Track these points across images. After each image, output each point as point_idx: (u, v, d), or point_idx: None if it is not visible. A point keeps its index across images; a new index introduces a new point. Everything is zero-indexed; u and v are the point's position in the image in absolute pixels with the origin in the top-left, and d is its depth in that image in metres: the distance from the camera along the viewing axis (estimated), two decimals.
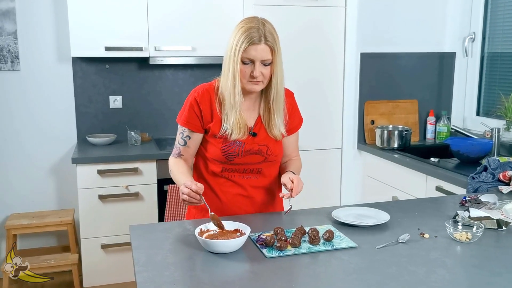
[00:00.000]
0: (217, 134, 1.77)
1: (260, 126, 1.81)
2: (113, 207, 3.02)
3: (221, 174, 1.82)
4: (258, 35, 1.64)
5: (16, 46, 3.26)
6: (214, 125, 1.77)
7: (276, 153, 1.84)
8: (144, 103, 3.54)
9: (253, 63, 1.67)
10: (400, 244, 1.50)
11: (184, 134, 1.81)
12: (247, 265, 1.38)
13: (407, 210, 1.83)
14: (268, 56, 1.67)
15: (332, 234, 1.51)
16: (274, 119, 1.79)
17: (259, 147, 1.80)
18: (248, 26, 1.66)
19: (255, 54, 1.65)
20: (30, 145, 3.38)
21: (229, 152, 1.77)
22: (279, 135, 1.82)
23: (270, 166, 1.85)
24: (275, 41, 1.68)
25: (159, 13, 3.13)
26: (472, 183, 2.23)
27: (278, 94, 1.76)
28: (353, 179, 3.41)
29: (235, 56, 1.66)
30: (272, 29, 1.69)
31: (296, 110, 1.92)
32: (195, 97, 1.79)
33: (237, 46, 1.66)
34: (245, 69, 1.68)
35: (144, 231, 1.62)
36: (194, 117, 1.78)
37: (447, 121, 3.33)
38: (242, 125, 1.75)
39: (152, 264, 1.36)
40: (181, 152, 1.83)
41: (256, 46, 1.65)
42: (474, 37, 3.31)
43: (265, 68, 1.69)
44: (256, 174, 1.83)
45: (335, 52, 3.35)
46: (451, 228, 1.55)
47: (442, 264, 1.37)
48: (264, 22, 1.69)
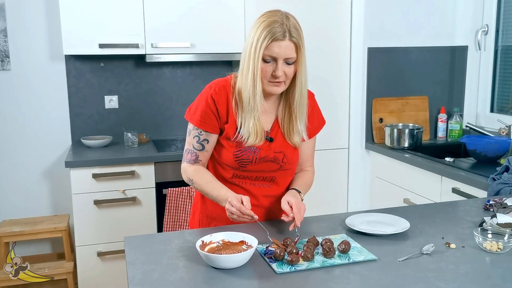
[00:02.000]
0: (231, 138, 1.61)
1: (277, 131, 1.65)
2: (109, 213, 2.89)
3: (230, 181, 1.66)
4: (282, 30, 1.49)
5: (6, 44, 3.12)
6: (229, 126, 1.61)
7: (292, 161, 1.68)
8: (141, 102, 3.41)
9: (276, 61, 1.52)
10: (425, 255, 1.36)
11: (201, 138, 1.63)
12: (255, 283, 1.24)
13: (427, 216, 1.69)
14: (293, 53, 1.52)
15: (348, 245, 1.36)
16: (295, 125, 1.63)
17: (275, 154, 1.64)
18: (270, 20, 1.51)
19: (278, 51, 1.50)
20: (22, 148, 3.26)
21: (242, 158, 1.61)
22: (298, 142, 1.66)
23: (284, 174, 1.69)
24: (300, 37, 1.53)
25: (155, 8, 3.00)
26: (494, 184, 2.08)
27: (302, 96, 1.60)
28: (361, 180, 3.28)
29: (256, 54, 1.50)
30: (296, 24, 1.54)
31: (316, 112, 1.75)
32: (211, 94, 1.61)
33: (258, 42, 1.50)
34: (267, 68, 1.53)
35: (140, 243, 1.48)
36: (211, 116, 1.60)
37: (459, 118, 3.20)
38: (260, 130, 1.60)
39: (149, 282, 1.22)
40: (198, 158, 1.65)
41: (279, 43, 1.49)
42: (487, 29, 3.17)
43: (288, 67, 1.53)
44: (269, 183, 1.67)
45: (341, 47, 3.22)
46: (480, 237, 1.41)
47: (474, 279, 1.23)
48: (288, 15, 1.54)
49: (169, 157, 2.92)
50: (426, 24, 3.20)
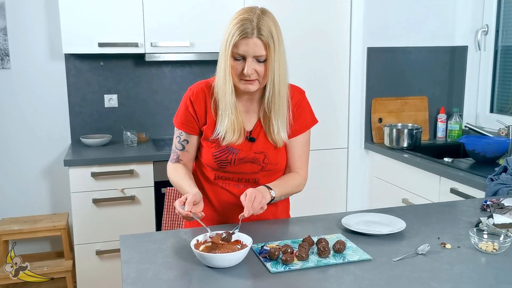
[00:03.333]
0: (210, 138, 1.61)
1: (260, 131, 1.63)
2: (108, 212, 2.89)
3: (214, 182, 1.67)
4: (251, 27, 1.46)
5: (6, 43, 3.12)
6: (208, 128, 1.62)
7: (275, 162, 1.64)
8: (141, 102, 3.41)
9: (245, 59, 1.50)
10: (420, 256, 1.35)
11: (182, 138, 1.66)
12: (249, 282, 1.23)
13: (423, 216, 1.68)
14: (262, 51, 1.48)
15: (343, 245, 1.36)
16: (272, 123, 1.59)
17: (255, 155, 1.61)
18: (241, 18, 1.49)
19: (246, 49, 1.47)
20: (22, 146, 3.26)
21: (221, 158, 1.61)
22: (279, 141, 1.62)
23: (269, 175, 1.66)
24: (271, 35, 1.48)
25: (155, 7, 3.00)
26: (491, 185, 2.07)
27: (275, 94, 1.56)
28: (360, 180, 3.27)
29: (226, 51, 1.50)
30: (270, 22, 1.50)
31: (305, 110, 1.69)
32: (189, 96, 1.63)
33: (227, 39, 1.49)
34: (237, 65, 1.51)
35: (135, 241, 1.48)
36: (189, 118, 1.63)
37: (459, 118, 3.19)
38: (238, 128, 1.58)
39: (143, 281, 1.22)
40: (179, 157, 1.68)
41: (247, 40, 1.47)
42: (487, 29, 3.16)
43: (259, 65, 1.50)
44: (253, 184, 1.64)
45: (341, 46, 3.21)
46: (476, 238, 1.40)
47: (469, 280, 1.22)
48: (261, 13, 1.50)
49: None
50: (425, 24, 3.19)
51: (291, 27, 3.02)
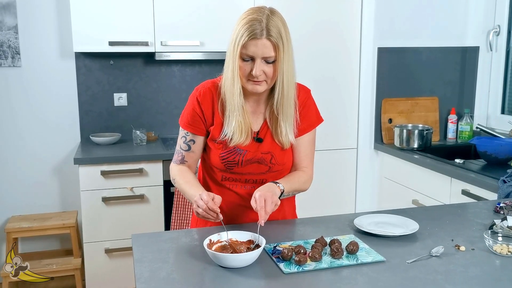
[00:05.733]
0: (217, 139, 1.60)
1: (267, 132, 1.62)
2: (117, 210, 2.90)
3: (221, 183, 1.65)
4: (260, 28, 1.45)
5: (17, 41, 3.13)
6: (215, 128, 1.60)
7: (282, 162, 1.63)
8: (150, 100, 3.41)
9: (254, 60, 1.48)
10: (434, 258, 1.34)
11: (187, 138, 1.64)
12: (262, 282, 1.23)
13: (436, 218, 1.67)
14: (271, 53, 1.47)
15: (356, 246, 1.35)
16: (280, 125, 1.58)
17: (262, 155, 1.60)
18: (250, 18, 1.47)
19: (255, 50, 1.46)
20: (32, 144, 3.27)
21: (228, 160, 1.60)
22: (287, 143, 1.61)
23: (276, 176, 1.64)
24: (280, 36, 1.47)
25: (165, 6, 3.00)
26: (504, 187, 2.06)
27: (284, 96, 1.55)
28: (369, 181, 3.26)
29: (234, 52, 1.48)
30: (279, 22, 1.48)
31: (310, 109, 1.68)
32: (196, 96, 1.61)
33: (236, 40, 1.47)
34: (245, 66, 1.49)
35: (147, 240, 1.48)
36: (196, 118, 1.61)
37: (469, 119, 3.16)
38: (245, 129, 1.57)
39: (156, 280, 1.22)
40: (184, 158, 1.66)
41: (256, 41, 1.45)
42: (499, 30, 3.13)
43: (267, 66, 1.49)
44: (260, 185, 1.59)
45: (351, 46, 3.19)
46: (490, 240, 1.39)
47: (483, 282, 1.21)
48: (270, 13, 1.49)
49: None
50: (436, 24, 3.17)
51: (300, 26, 3.01)
